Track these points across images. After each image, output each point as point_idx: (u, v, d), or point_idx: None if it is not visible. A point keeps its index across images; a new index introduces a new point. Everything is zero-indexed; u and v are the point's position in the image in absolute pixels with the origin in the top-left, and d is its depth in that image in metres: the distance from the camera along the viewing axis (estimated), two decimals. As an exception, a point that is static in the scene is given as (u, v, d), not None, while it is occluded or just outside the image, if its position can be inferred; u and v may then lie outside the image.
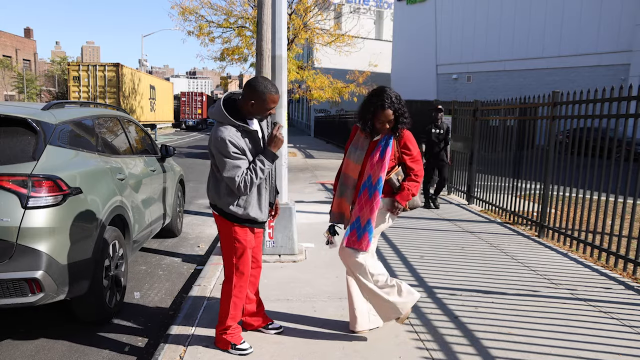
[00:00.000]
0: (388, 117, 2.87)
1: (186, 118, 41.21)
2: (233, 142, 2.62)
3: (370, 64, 21.72)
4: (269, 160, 2.73)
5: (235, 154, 2.63)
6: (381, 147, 2.94)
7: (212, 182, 2.83)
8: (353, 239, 2.94)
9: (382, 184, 2.90)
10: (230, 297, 2.88)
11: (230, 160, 2.62)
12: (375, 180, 2.90)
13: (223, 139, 2.60)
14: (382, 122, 2.91)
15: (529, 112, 6.77)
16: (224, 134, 2.61)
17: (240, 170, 2.64)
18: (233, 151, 2.62)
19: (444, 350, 3.02)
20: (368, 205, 2.91)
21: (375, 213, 2.90)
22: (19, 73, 35.05)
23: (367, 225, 2.91)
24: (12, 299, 2.92)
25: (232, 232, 2.82)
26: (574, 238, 5.48)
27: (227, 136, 2.61)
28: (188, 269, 5.06)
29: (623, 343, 3.16)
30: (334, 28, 20.14)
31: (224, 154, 2.61)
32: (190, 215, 7.61)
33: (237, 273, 2.87)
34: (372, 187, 2.91)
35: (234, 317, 2.93)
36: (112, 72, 22.25)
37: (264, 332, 3.19)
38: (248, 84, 2.71)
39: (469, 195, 8.54)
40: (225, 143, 2.60)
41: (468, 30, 24.13)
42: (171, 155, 5.68)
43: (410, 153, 3.00)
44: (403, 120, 2.91)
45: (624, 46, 18.43)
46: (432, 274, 4.50)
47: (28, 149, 3.12)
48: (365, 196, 2.93)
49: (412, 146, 3.01)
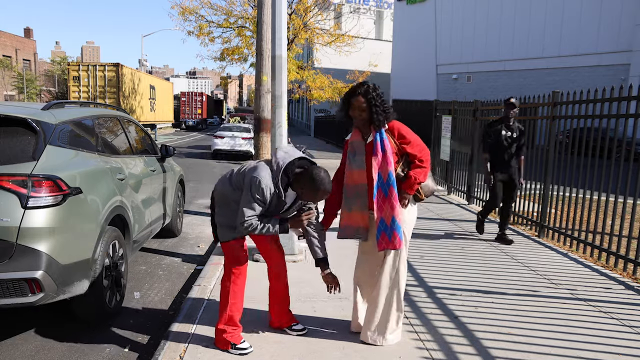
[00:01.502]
0: (360, 103, 2.86)
1: (186, 118, 41.21)
2: (265, 194, 2.70)
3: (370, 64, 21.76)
4: (280, 229, 2.77)
5: (260, 202, 2.72)
6: (378, 143, 2.89)
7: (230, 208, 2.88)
8: (385, 241, 2.90)
9: (393, 178, 2.87)
10: (228, 292, 2.93)
11: (253, 202, 2.71)
12: (386, 177, 2.87)
13: (259, 183, 2.67)
14: (355, 110, 2.89)
15: (529, 112, 6.77)
16: (263, 182, 2.68)
17: (254, 213, 2.72)
18: (261, 199, 2.71)
19: (444, 350, 3.02)
20: (387, 203, 2.88)
21: (397, 209, 2.86)
22: (19, 73, 35.06)
23: (393, 224, 2.87)
24: (12, 299, 2.92)
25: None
26: (574, 238, 5.48)
27: (264, 185, 2.68)
28: (188, 269, 5.06)
29: (623, 343, 3.16)
30: (334, 28, 20.17)
31: (252, 192, 2.70)
32: (190, 215, 7.61)
33: (235, 270, 2.93)
34: (384, 184, 2.88)
35: (232, 309, 2.94)
36: (112, 72, 22.24)
37: (288, 333, 3.20)
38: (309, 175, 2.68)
39: (469, 195, 8.54)
40: (258, 187, 2.68)
41: (468, 30, 24.13)
42: (171, 155, 5.68)
43: (407, 140, 2.93)
44: (377, 110, 2.84)
45: (624, 46, 18.43)
46: (432, 274, 4.50)
47: (28, 149, 3.12)
48: (381, 196, 2.89)
49: (406, 133, 2.94)
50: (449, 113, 9.54)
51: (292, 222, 2.83)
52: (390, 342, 3.04)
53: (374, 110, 2.85)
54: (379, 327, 3.04)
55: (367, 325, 3.07)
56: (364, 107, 2.87)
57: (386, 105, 2.90)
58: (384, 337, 3.04)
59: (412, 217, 3.06)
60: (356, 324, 3.22)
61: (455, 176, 9.34)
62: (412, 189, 2.93)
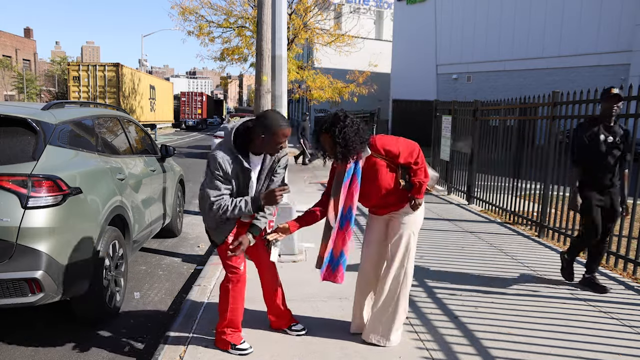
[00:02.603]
0: (325, 140, 2.77)
1: (186, 118, 41.18)
2: (224, 167, 2.65)
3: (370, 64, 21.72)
4: (252, 207, 2.68)
5: (221, 178, 2.67)
6: (348, 172, 2.79)
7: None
8: (328, 273, 2.92)
9: (352, 213, 2.83)
10: (228, 293, 2.92)
11: (215, 181, 2.67)
12: (346, 210, 2.84)
13: (215, 157, 2.67)
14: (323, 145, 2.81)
15: (529, 112, 6.77)
16: (218, 155, 2.67)
17: (220, 193, 2.67)
18: (220, 175, 2.66)
19: (444, 350, 3.02)
20: (339, 236, 2.87)
21: (348, 244, 2.86)
22: (19, 73, 35.05)
23: (341, 257, 2.89)
24: (12, 299, 2.92)
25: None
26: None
27: (219, 157, 2.66)
28: (188, 269, 5.06)
29: (623, 343, 3.16)
30: (334, 28, 20.15)
31: (211, 170, 2.68)
32: (190, 215, 7.61)
33: (233, 276, 2.91)
34: (342, 217, 2.85)
35: (233, 314, 2.93)
36: (112, 72, 22.24)
37: (288, 333, 3.19)
38: (258, 118, 2.72)
39: (469, 195, 8.54)
40: (214, 161, 2.66)
41: (468, 30, 24.12)
42: (171, 155, 5.69)
43: (395, 153, 2.80)
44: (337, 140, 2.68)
45: (624, 46, 18.42)
46: (432, 273, 4.50)
47: (28, 149, 3.12)
48: (337, 228, 2.87)
49: (392, 147, 2.81)
50: (449, 113, 9.54)
51: (266, 197, 2.66)
52: (393, 343, 3.04)
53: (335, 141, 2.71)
54: (383, 328, 3.03)
55: (371, 326, 3.05)
56: (329, 141, 2.76)
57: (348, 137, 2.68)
58: (387, 339, 3.03)
59: (420, 217, 3.04)
60: (356, 325, 3.21)
61: (455, 176, 9.34)
62: (421, 193, 2.89)
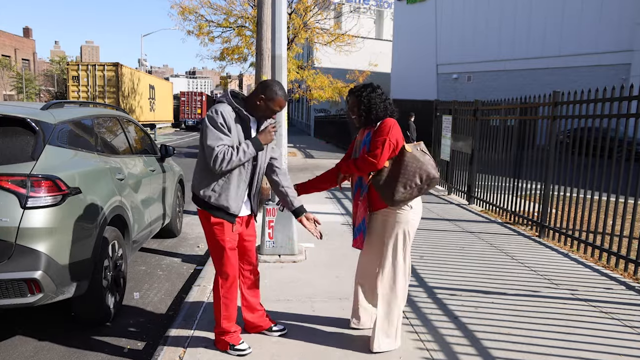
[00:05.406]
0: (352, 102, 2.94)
1: (186, 118, 41.14)
2: (225, 117, 2.68)
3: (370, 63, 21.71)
4: (253, 147, 2.72)
5: (222, 126, 2.67)
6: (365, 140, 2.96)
7: (196, 169, 2.85)
8: (361, 240, 3.01)
9: (361, 181, 2.95)
10: (219, 298, 2.89)
11: (216, 131, 2.66)
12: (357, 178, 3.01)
13: (217, 110, 2.68)
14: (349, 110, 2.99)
15: (529, 112, 6.76)
16: (219, 107, 2.69)
17: (222, 142, 2.65)
18: (221, 123, 2.66)
19: (444, 350, 3.01)
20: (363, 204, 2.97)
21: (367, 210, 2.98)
22: (18, 73, 35.03)
23: (363, 224, 2.97)
24: (11, 300, 2.91)
25: (211, 231, 2.80)
26: (574, 238, 5.47)
27: (221, 110, 2.68)
28: (188, 269, 5.05)
29: (623, 343, 3.15)
30: (334, 27, 20.14)
31: (212, 124, 2.66)
32: (190, 215, 7.59)
33: (223, 275, 2.87)
34: (363, 187, 2.96)
35: (227, 318, 2.91)
36: (111, 71, 22.20)
37: (268, 335, 3.17)
38: (264, 81, 2.85)
39: (469, 195, 8.53)
40: (217, 114, 2.66)
41: (468, 30, 24.11)
42: (171, 155, 5.67)
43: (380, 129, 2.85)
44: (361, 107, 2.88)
45: (625, 46, 18.41)
46: (432, 274, 4.50)
47: (27, 149, 3.11)
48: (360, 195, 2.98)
49: (384, 126, 2.84)
50: (449, 113, 9.53)
51: (262, 136, 2.75)
52: (395, 346, 2.99)
53: (360, 108, 2.91)
54: (385, 329, 2.99)
55: (375, 330, 2.95)
56: (354, 108, 2.96)
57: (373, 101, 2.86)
58: (380, 344, 2.95)
59: (414, 216, 2.94)
60: (355, 323, 3.21)
61: (455, 176, 9.34)
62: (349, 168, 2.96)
